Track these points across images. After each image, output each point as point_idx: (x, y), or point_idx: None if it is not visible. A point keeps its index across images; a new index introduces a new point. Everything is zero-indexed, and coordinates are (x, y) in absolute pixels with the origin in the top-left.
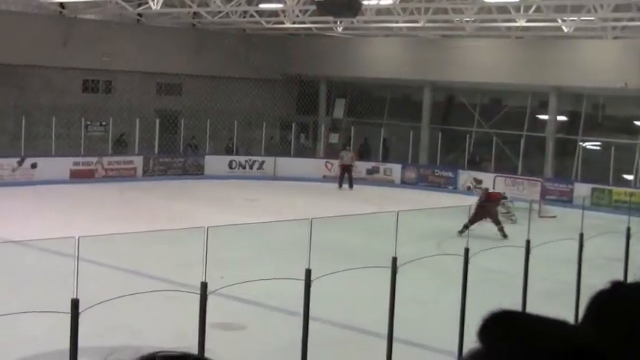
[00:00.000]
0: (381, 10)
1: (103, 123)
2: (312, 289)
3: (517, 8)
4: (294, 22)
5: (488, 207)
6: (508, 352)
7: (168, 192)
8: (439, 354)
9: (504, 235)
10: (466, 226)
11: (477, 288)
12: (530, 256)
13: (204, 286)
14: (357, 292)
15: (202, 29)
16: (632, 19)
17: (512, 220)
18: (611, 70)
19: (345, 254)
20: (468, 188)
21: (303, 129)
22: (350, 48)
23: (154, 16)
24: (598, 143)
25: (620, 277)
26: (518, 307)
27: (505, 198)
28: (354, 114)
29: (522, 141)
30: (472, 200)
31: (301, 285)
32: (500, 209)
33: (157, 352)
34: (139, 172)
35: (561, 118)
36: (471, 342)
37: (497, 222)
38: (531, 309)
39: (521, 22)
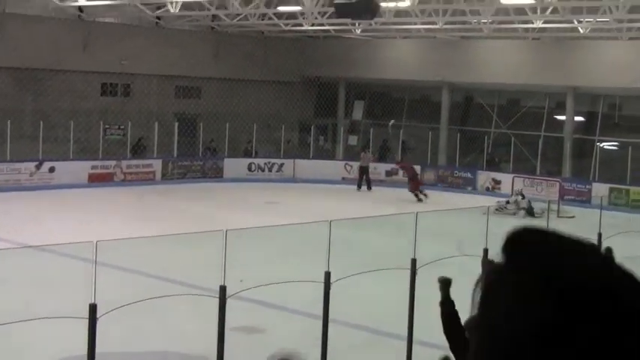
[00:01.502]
0: (399, 12)
1: (122, 127)
2: (331, 291)
3: (534, 9)
4: (312, 25)
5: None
6: (530, 265)
7: (188, 195)
8: None
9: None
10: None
11: None
12: None
13: (223, 289)
14: (376, 294)
15: (221, 32)
16: None
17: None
18: (627, 70)
19: (365, 256)
20: (487, 189)
21: (322, 131)
22: (368, 50)
23: (173, 19)
24: (615, 143)
25: (639, 275)
26: None
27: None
28: (373, 116)
29: (540, 141)
30: (491, 201)
31: (321, 287)
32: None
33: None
34: (158, 175)
35: (578, 118)
36: None
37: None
38: None
39: (538, 24)
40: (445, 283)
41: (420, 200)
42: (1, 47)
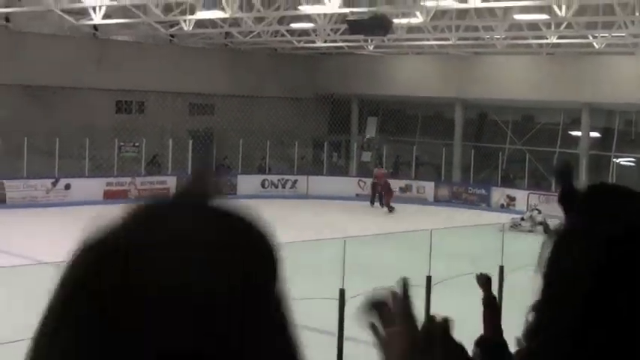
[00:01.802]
0: (411, 29)
1: (136, 144)
2: (346, 308)
3: (548, 25)
4: (325, 41)
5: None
6: (588, 227)
7: None
8: None
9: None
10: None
11: (512, 306)
12: None
13: None
14: None
15: (234, 49)
16: None
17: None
18: None
19: (379, 272)
20: (502, 206)
21: (336, 147)
22: (381, 66)
23: (186, 37)
24: (632, 159)
25: None
26: None
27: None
28: (386, 132)
29: (555, 157)
30: (506, 218)
31: (335, 304)
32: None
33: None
34: (172, 192)
35: (594, 134)
36: None
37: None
38: None
39: (552, 39)
40: (486, 281)
41: (392, 210)
42: (17, 65)
